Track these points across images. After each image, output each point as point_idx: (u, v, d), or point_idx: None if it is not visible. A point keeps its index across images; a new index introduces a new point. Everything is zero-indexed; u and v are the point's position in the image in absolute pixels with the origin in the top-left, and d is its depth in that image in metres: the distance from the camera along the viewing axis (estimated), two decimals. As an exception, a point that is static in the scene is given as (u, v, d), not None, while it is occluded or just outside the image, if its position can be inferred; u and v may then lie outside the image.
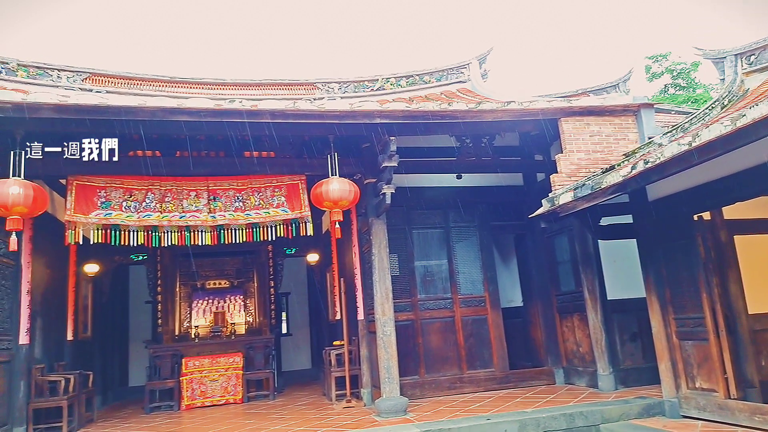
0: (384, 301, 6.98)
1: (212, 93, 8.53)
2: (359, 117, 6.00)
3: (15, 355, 6.73)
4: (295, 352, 12.54)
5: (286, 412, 7.69)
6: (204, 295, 11.00)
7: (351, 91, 9.71)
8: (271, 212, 7.28)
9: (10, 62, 8.17)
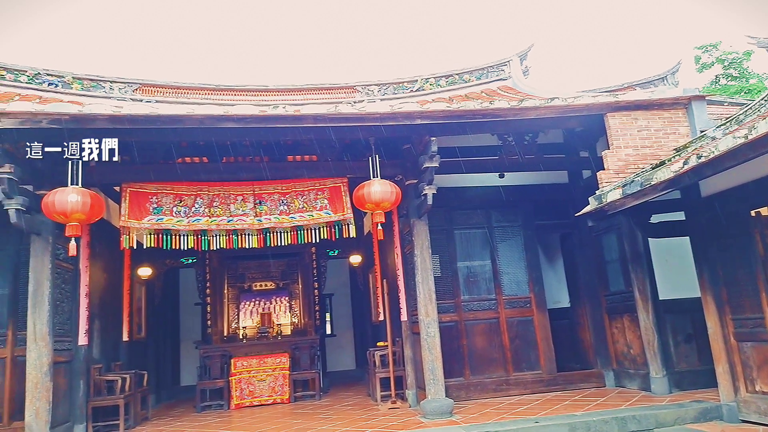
0: (427, 303, 6.97)
1: (256, 99, 8.73)
2: (400, 118, 6.02)
3: (75, 355, 7.07)
4: (339, 353, 12.67)
5: (332, 412, 7.77)
6: (251, 297, 11.26)
7: (390, 93, 9.75)
8: (314, 215, 7.39)
9: (65, 75, 8.60)
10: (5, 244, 7.00)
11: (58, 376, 6.47)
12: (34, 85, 8.24)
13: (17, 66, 8.28)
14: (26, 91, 8.21)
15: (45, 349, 6.14)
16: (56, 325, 6.43)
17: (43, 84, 8.26)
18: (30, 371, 6.07)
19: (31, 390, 6.02)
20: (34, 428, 5.93)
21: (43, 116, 5.28)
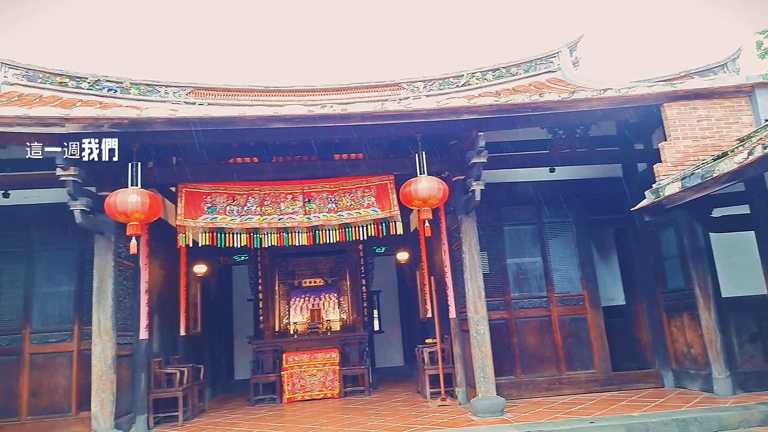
0: (476, 300, 6.90)
1: (304, 99, 8.87)
2: (446, 114, 5.97)
3: (136, 349, 7.41)
4: (387, 349, 12.73)
5: (382, 408, 7.82)
6: (301, 293, 11.48)
7: (436, 88, 9.68)
8: (362, 212, 7.44)
9: (123, 81, 9.00)
10: (71, 243, 7.39)
11: (121, 369, 6.80)
12: (95, 91, 8.67)
13: (79, 73, 8.73)
14: (87, 97, 8.65)
15: (109, 343, 6.46)
16: (119, 320, 6.75)
17: (103, 90, 8.68)
18: (95, 364, 6.39)
19: (97, 382, 6.34)
20: (100, 418, 6.25)
21: (104, 120, 5.54)
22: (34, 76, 8.60)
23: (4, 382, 7.13)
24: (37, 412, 7.09)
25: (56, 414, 7.09)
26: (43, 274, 7.42)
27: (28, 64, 8.60)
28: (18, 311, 7.31)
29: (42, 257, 7.45)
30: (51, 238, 7.42)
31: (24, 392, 7.12)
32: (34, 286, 7.37)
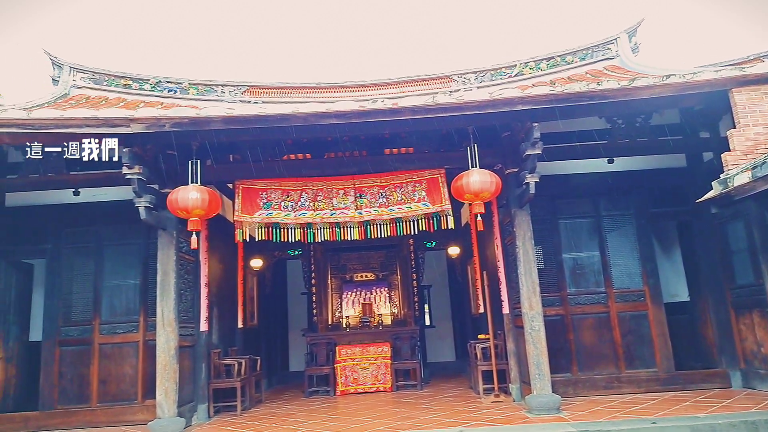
0: (531, 295, 6.76)
1: (354, 95, 8.94)
2: (499, 105, 5.86)
3: (197, 340, 7.69)
4: (438, 344, 12.68)
5: (434, 402, 7.81)
6: (352, 287, 11.60)
7: (488, 79, 9.53)
8: (412, 207, 7.43)
9: (182, 82, 9.34)
10: (136, 238, 7.76)
11: (183, 360, 7.08)
12: (156, 92, 9.05)
13: (141, 76, 9.13)
14: (149, 98, 9.03)
15: (172, 334, 6.74)
16: (181, 312, 7.03)
17: (164, 91, 9.04)
18: (159, 354, 6.69)
19: (161, 371, 6.63)
20: (164, 406, 6.53)
21: (166, 120, 5.77)
22: (100, 79, 9.06)
23: (77, 370, 7.58)
24: (106, 400, 7.50)
25: (123, 401, 7.48)
26: (111, 268, 7.82)
27: (95, 68, 9.07)
28: (88, 303, 7.74)
29: (110, 252, 7.86)
30: (118, 234, 7.82)
31: (94, 380, 7.55)
32: (103, 280, 7.79)
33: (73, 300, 7.76)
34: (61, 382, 7.55)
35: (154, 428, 6.37)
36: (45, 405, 7.47)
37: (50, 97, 8.41)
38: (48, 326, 7.71)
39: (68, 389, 7.55)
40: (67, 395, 7.53)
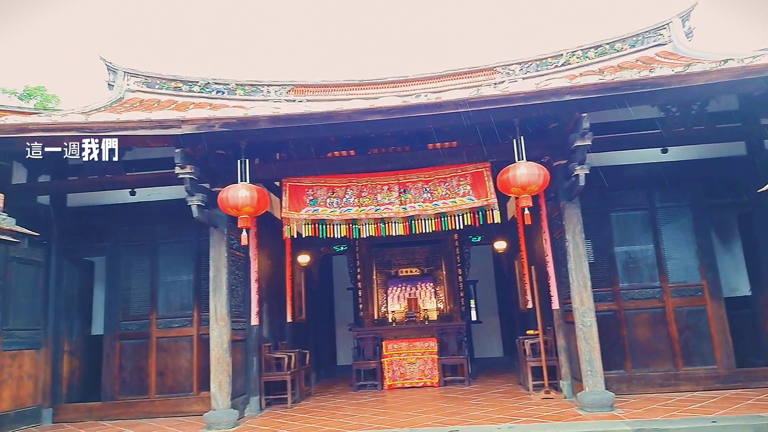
0: (581, 290, 6.60)
1: (397, 90, 8.93)
2: (546, 96, 5.73)
3: (248, 334, 7.90)
4: (485, 340, 12.58)
5: (483, 398, 7.75)
6: (397, 282, 11.64)
7: (533, 70, 9.33)
8: (457, 201, 7.37)
9: (230, 83, 9.58)
10: (188, 236, 8.02)
11: (236, 353, 7.28)
12: (205, 93, 9.32)
13: (191, 78, 9.43)
14: (198, 100, 9.31)
15: (225, 329, 6.94)
16: (232, 307, 7.22)
17: (212, 92, 9.30)
18: (213, 348, 6.90)
19: (215, 364, 6.85)
20: (218, 398, 6.74)
21: (215, 121, 5.93)
22: (152, 83, 9.40)
23: (136, 363, 7.92)
24: (164, 391, 7.81)
25: (180, 393, 7.77)
26: (166, 264, 8.12)
27: (147, 72, 9.42)
28: (146, 299, 8.07)
29: (164, 249, 8.16)
30: (171, 232, 8.11)
31: (152, 373, 7.87)
32: (158, 276, 8.10)
33: (131, 296, 8.11)
34: (122, 374, 7.91)
35: (209, 419, 6.59)
36: (107, 396, 7.85)
37: (106, 101, 8.80)
38: (108, 321, 8.09)
39: (128, 381, 7.90)
40: (127, 387, 7.88)
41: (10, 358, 7.31)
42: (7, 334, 7.26)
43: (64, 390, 8.03)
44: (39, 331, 7.88)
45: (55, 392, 7.92)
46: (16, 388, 7.39)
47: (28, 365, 7.64)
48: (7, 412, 7.18)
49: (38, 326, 7.88)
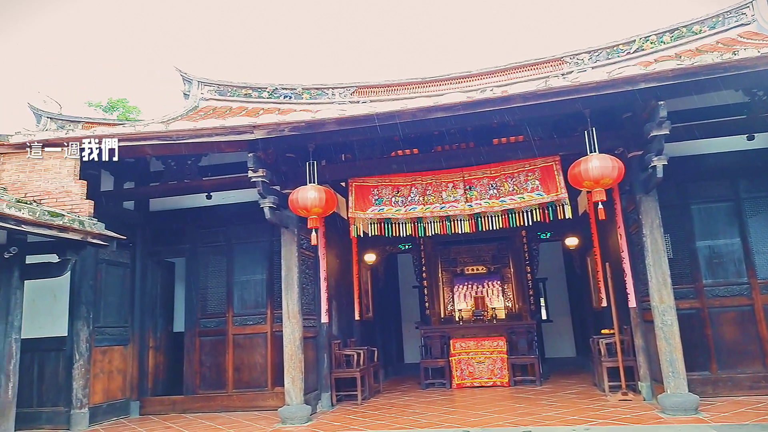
0: (661, 287, 6.29)
1: (461, 86, 8.83)
2: (620, 85, 5.49)
3: (319, 331, 8.09)
4: (557, 339, 12.23)
5: (556, 399, 7.55)
6: (463, 281, 11.53)
7: (603, 58, 8.94)
8: (525, 197, 7.20)
9: (296, 88, 9.85)
10: (261, 236, 8.32)
11: (307, 350, 7.48)
12: (273, 99, 9.63)
13: (260, 84, 9.78)
14: (267, 105, 9.62)
15: (297, 326, 7.15)
16: (304, 305, 7.43)
17: (280, 97, 9.60)
18: (286, 344, 7.12)
19: (288, 361, 7.06)
20: (292, 393, 6.95)
21: (285, 125, 6.11)
22: (224, 90, 9.82)
23: (214, 359, 8.30)
24: (240, 386, 8.14)
25: (255, 388, 8.07)
26: (240, 264, 8.47)
27: (220, 80, 9.85)
28: (222, 297, 8.44)
29: (238, 249, 8.51)
30: (245, 233, 8.44)
31: (229, 368, 8.22)
32: (233, 275, 8.46)
33: (208, 294, 8.51)
34: (202, 370, 8.32)
35: (284, 414, 6.80)
36: (188, 390, 8.28)
37: (183, 110, 9.27)
38: (188, 318, 8.53)
39: (207, 376, 8.30)
40: (207, 381, 8.28)
41: (101, 354, 7.87)
42: (99, 331, 7.82)
43: (149, 384, 8.54)
44: (126, 328, 8.44)
45: (141, 386, 8.45)
46: (107, 381, 7.95)
47: (117, 360, 8.19)
48: (100, 404, 7.73)
49: (126, 324, 8.43)
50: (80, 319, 7.49)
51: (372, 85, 9.68)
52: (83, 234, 6.24)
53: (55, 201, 6.52)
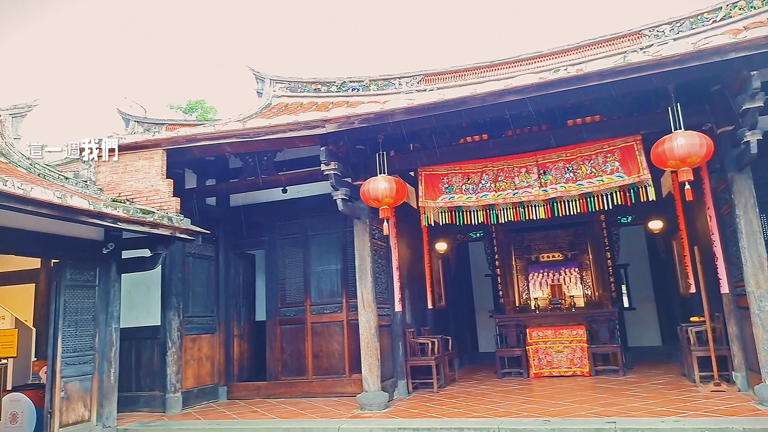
0: (757, 272, 5.85)
1: (531, 67, 8.56)
2: (706, 56, 5.12)
3: (393, 320, 8.20)
4: (640, 328, 11.68)
5: (641, 389, 7.24)
6: (539, 268, 11.23)
7: (686, 29, 8.36)
8: (605, 179, 6.90)
9: (364, 80, 9.95)
10: (334, 228, 8.53)
11: (382, 338, 7.60)
12: (341, 92, 9.78)
13: (328, 79, 9.97)
14: (336, 99, 9.79)
15: (372, 314, 7.28)
16: (377, 294, 7.56)
17: (348, 90, 9.74)
18: (362, 332, 7.27)
19: (365, 348, 7.21)
20: (369, 380, 7.10)
21: (355, 118, 6.21)
22: (295, 87, 10.10)
23: (295, 346, 8.62)
24: (319, 373, 8.41)
25: (333, 375, 8.31)
26: (316, 255, 8.73)
27: (291, 77, 10.14)
28: (299, 287, 8.74)
29: (313, 241, 8.77)
30: (319, 225, 8.69)
31: (309, 355, 8.51)
32: (310, 266, 8.73)
33: (287, 284, 8.84)
34: (283, 357, 8.67)
35: (362, 400, 6.97)
36: (271, 376, 8.66)
37: (257, 108, 9.63)
38: (269, 307, 8.91)
39: (288, 363, 8.64)
40: (288, 368, 8.62)
41: (191, 342, 8.38)
42: (188, 320, 8.33)
43: (235, 370, 9.01)
44: (213, 317, 8.93)
45: (228, 372, 8.93)
46: (197, 368, 8.47)
47: (205, 348, 8.70)
48: (192, 389, 8.25)
49: (212, 313, 8.93)
50: (171, 309, 8.00)
51: (439, 72, 9.60)
52: (172, 229, 6.65)
53: (146, 199, 6.99)
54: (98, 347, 6.72)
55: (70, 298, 6.42)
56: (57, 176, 6.69)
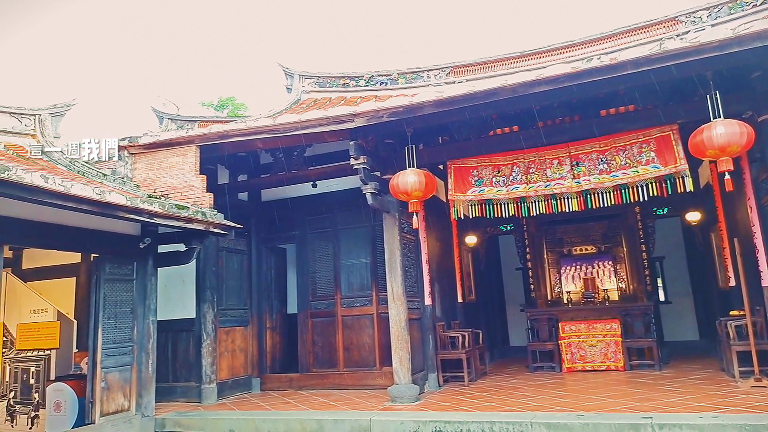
0: (801, 264, 5.64)
1: (563, 57, 8.37)
2: (748, 41, 4.93)
3: (423, 313, 8.20)
4: (677, 322, 11.40)
5: (678, 385, 7.08)
6: (571, 261, 11.06)
7: (724, 14, 8.05)
8: (640, 170, 6.72)
9: (392, 73, 9.91)
10: (364, 222, 8.58)
11: (412, 331, 7.61)
12: (370, 86, 9.77)
13: (357, 73, 9.97)
14: (364, 93, 9.77)
15: (401, 308, 7.29)
16: (407, 288, 7.57)
17: (376, 84, 9.72)
18: (392, 325, 7.29)
19: (395, 341, 7.23)
20: (399, 373, 7.12)
21: (384, 111, 6.21)
22: (323, 82, 10.14)
23: (326, 339, 8.72)
24: (350, 365, 8.49)
25: (364, 367, 8.38)
26: (345, 249, 8.80)
27: (319, 73, 10.19)
28: (330, 280, 8.83)
29: (343, 235, 8.84)
30: (349, 219, 8.75)
31: (340, 348, 8.60)
32: (340, 259, 8.81)
33: (317, 278, 8.94)
34: (314, 349, 8.77)
35: (393, 393, 7.00)
36: (303, 368, 8.78)
37: (286, 104, 9.71)
38: (300, 301, 9.02)
39: (320, 355, 8.74)
40: (319, 360, 8.72)
41: (225, 334, 8.55)
42: (222, 313, 8.50)
43: (267, 362, 9.16)
44: (246, 310, 9.09)
45: (261, 364, 9.09)
46: (231, 359, 8.64)
47: (239, 340, 8.87)
48: (226, 380, 8.43)
49: (245, 306, 9.09)
50: (206, 302, 8.18)
51: (467, 63, 9.50)
52: (206, 224, 6.79)
53: (180, 195, 7.14)
54: (136, 339, 6.91)
55: (109, 291, 6.62)
56: (95, 173, 6.89)
